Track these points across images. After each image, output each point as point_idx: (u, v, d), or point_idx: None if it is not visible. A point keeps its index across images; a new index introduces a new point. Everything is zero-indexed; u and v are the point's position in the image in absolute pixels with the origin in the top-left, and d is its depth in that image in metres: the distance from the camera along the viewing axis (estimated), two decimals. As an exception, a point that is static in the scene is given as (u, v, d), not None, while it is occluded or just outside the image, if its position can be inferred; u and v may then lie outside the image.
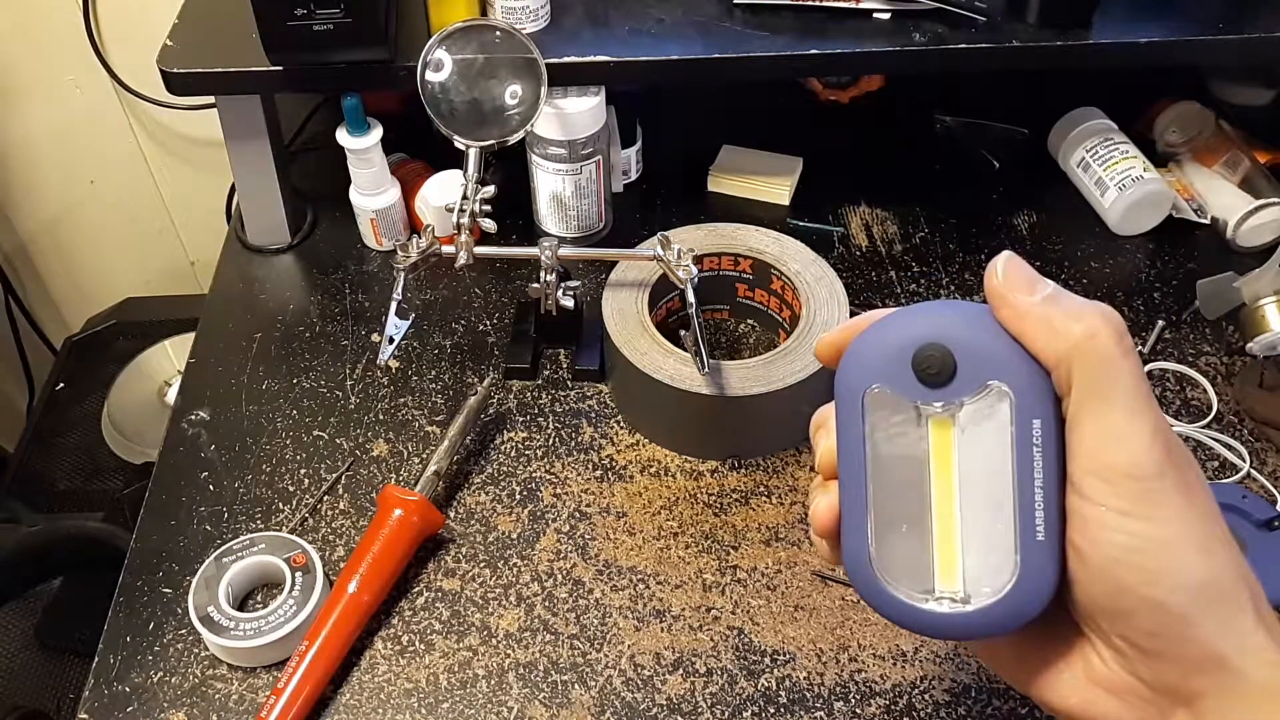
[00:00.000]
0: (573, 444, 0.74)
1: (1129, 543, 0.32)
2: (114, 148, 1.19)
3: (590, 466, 0.72)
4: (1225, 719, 0.33)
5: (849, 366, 0.36)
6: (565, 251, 0.73)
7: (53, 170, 1.21)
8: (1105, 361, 0.33)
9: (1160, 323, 0.81)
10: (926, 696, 0.61)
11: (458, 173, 0.86)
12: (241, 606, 0.65)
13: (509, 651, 0.63)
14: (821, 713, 0.60)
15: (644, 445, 0.74)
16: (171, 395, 1.13)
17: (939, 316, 0.35)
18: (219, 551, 0.65)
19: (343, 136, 0.82)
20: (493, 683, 0.62)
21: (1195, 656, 0.33)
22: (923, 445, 0.35)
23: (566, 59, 0.77)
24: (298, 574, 0.64)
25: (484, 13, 0.79)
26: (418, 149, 0.91)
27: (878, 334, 0.36)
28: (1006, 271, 0.36)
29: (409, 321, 0.72)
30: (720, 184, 0.94)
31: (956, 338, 0.35)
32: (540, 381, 0.78)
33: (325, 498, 0.71)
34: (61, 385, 1.20)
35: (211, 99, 0.81)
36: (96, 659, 0.63)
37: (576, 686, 0.61)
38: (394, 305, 0.71)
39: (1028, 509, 0.34)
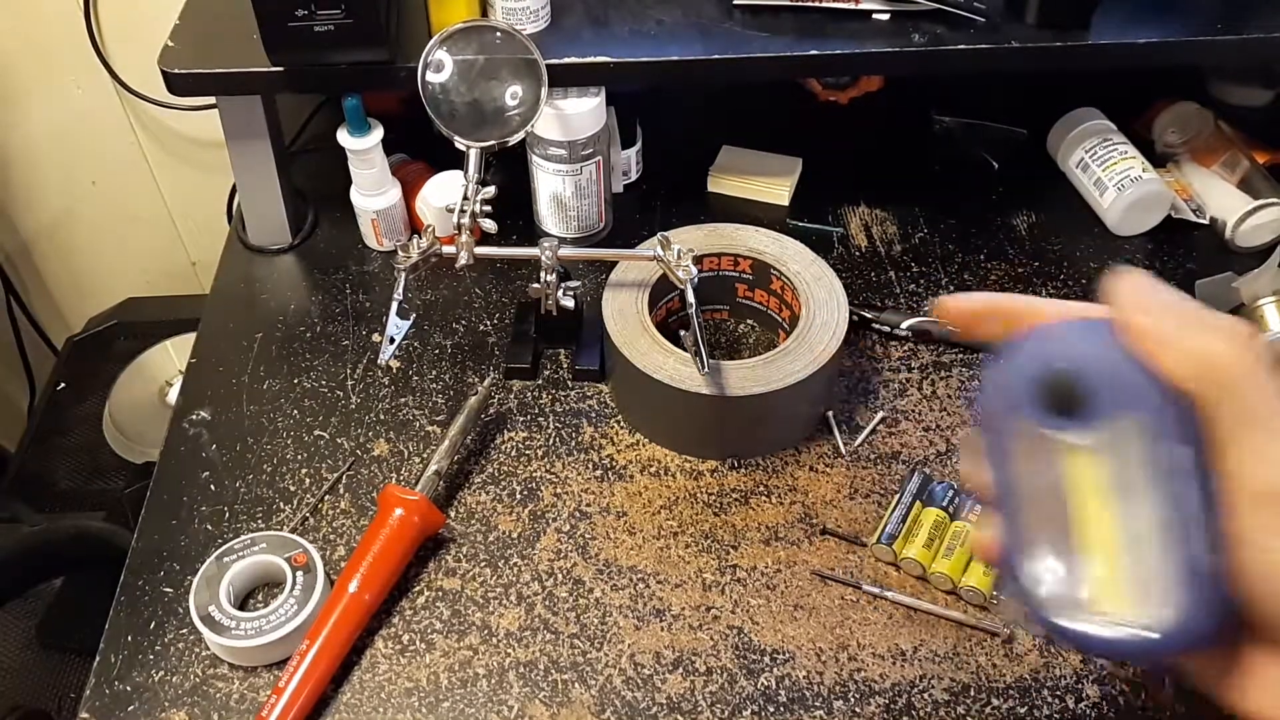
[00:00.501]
0: (573, 444, 0.74)
1: None
2: (114, 148, 1.19)
3: (590, 466, 0.73)
4: None
5: (992, 399, 0.37)
6: (565, 252, 0.74)
7: (53, 170, 1.21)
8: (1242, 383, 0.32)
9: (1159, 323, 0.81)
10: (926, 696, 0.61)
11: (458, 173, 0.86)
12: (242, 606, 0.65)
13: (509, 651, 0.63)
14: (821, 712, 0.60)
15: (644, 445, 0.74)
16: (172, 395, 1.13)
17: (1072, 343, 0.35)
18: (220, 551, 0.65)
19: (343, 137, 0.82)
20: (493, 682, 0.62)
21: None
22: (1073, 474, 0.35)
23: (567, 60, 0.77)
24: (298, 573, 0.64)
25: (484, 13, 0.79)
26: (418, 149, 0.91)
27: (1015, 364, 0.36)
28: (1129, 288, 0.34)
29: (410, 321, 0.73)
30: (720, 184, 0.94)
31: (1090, 365, 0.34)
32: (540, 381, 0.78)
33: (326, 497, 0.71)
34: (62, 385, 1.20)
35: (212, 99, 0.81)
36: (97, 658, 0.63)
37: (577, 685, 0.62)
38: (395, 305, 0.71)
39: (1184, 534, 0.33)
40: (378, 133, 0.82)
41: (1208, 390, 0.32)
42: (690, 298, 0.70)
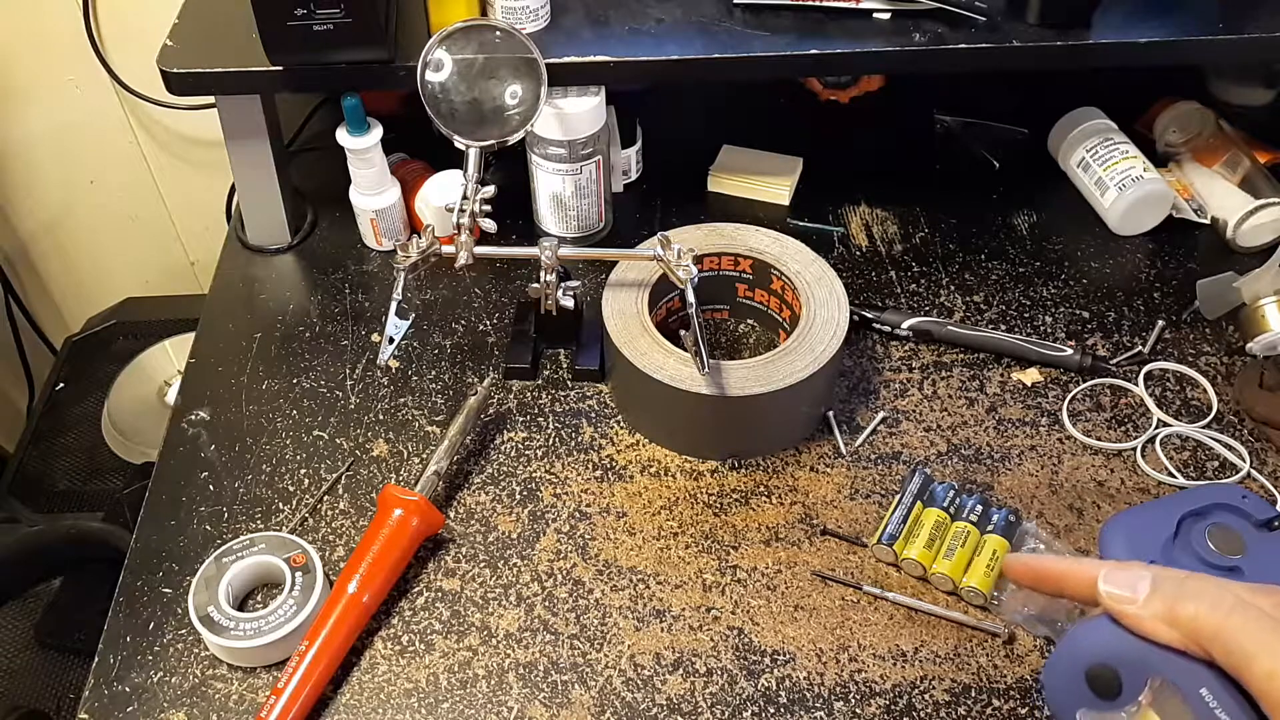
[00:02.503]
0: (573, 444, 0.74)
1: None
2: (114, 148, 1.19)
3: (590, 466, 0.72)
4: None
5: (1053, 697, 0.45)
6: (565, 251, 0.73)
7: (53, 170, 1.21)
8: (1220, 633, 0.39)
9: (1160, 323, 0.81)
10: (926, 696, 0.61)
11: (458, 173, 0.86)
12: (241, 606, 0.65)
13: (509, 651, 0.63)
14: (821, 713, 0.60)
15: (644, 445, 0.74)
16: (171, 395, 1.13)
17: (1085, 642, 0.43)
18: (219, 551, 0.65)
19: (343, 136, 0.82)
20: (493, 683, 0.62)
21: None
22: None
23: (566, 59, 0.77)
24: (298, 574, 0.64)
25: (484, 13, 0.79)
26: (418, 149, 0.91)
27: (1061, 664, 0.44)
28: (1108, 588, 0.42)
29: (409, 321, 0.72)
30: (720, 184, 0.94)
31: (1113, 654, 0.42)
32: (540, 381, 0.78)
33: (325, 498, 0.71)
34: (61, 385, 1.20)
35: (211, 99, 0.81)
36: (96, 659, 0.63)
37: (576, 686, 0.61)
38: (394, 305, 0.71)
39: None
40: (377, 132, 0.82)
41: (1203, 645, 0.40)
42: (690, 298, 0.70)
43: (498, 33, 0.74)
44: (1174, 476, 0.71)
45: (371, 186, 0.85)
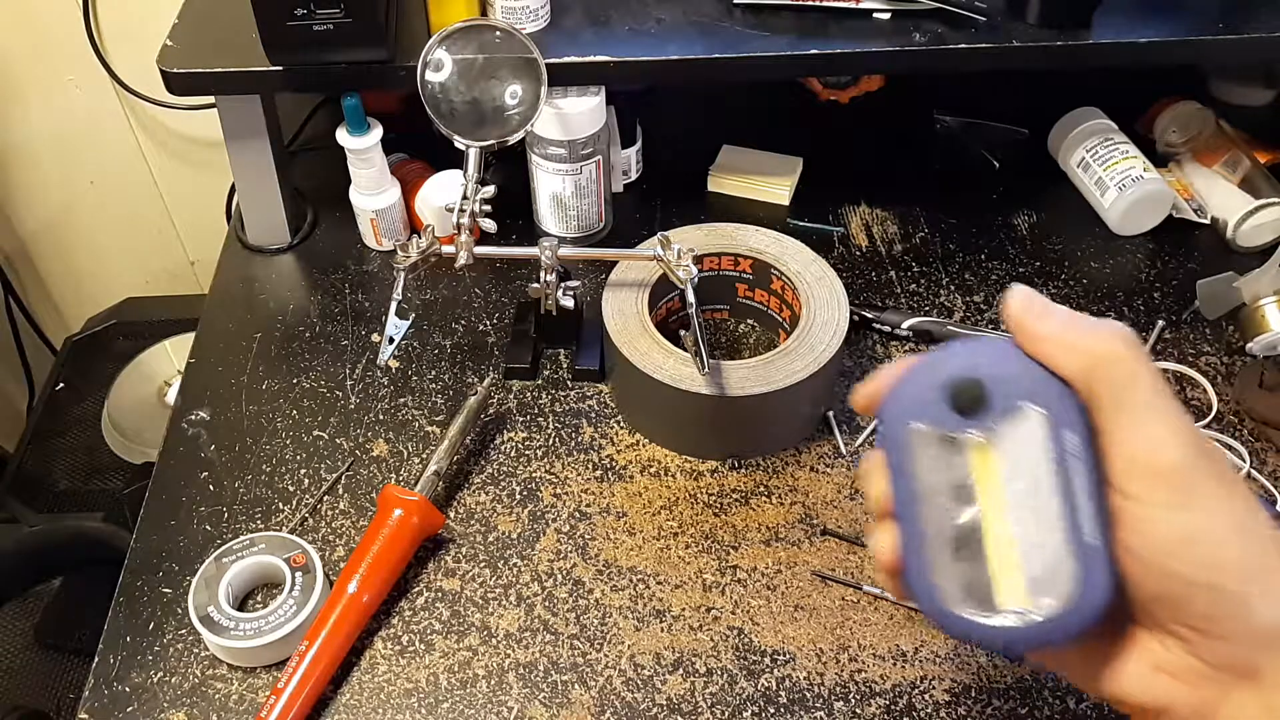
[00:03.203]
0: (573, 444, 0.74)
1: (1177, 534, 0.35)
2: (114, 148, 1.19)
3: (590, 466, 0.72)
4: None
5: (889, 409, 0.39)
6: (565, 251, 0.73)
7: (53, 170, 1.21)
8: (1125, 371, 0.36)
9: (1160, 323, 0.81)
10: (926, 696, 0.61)
11: (458, 173, 0.86)
12: (241, 606, 0.65)
13: (509, 651, 0.63)
14: (821, 713, 0.60)
15: (644, 445, 0.74)
16: (171, 395, 1.13)
17: (967, 352, 0.38)
18: (219, 551, 0.65)
19: (343, 136, 0.82)
20: (493, 683, 0.62)
21: (1252, 633, 0.34)
22: (969, 472, 0.37)
23: (566, 59, 0.77)
24: (298, 574, 0.64)
25: (484, 13, 0.79)
26: (418, 149, 0.91)
27: (913, 376, 0.39)
28: (1022, 300, 0.38)
29: (409, 321, 0.73)
30: (720, 184, 0.94)
31: (985, 368, 0.37)
32: (540, 381, 0.78)
33: (325, 498, 0.71)
34: (61, 385, 1.20)
35: (211, 99, 0.81)
36: (96, 659, 0.63)
37: (576, 686, 0.61)
38: (394, 305, 0.71)
39: (1075, 517, 0.36)
40: (377, 132, 0.82)
41: (1097, 382, 0.36)
42: (690, 297, 0.70)
43: (498, 33, 0.74)
44: (1174, 476, 0.71)
45: (371, 186, 0.85)
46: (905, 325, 0.79)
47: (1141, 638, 0.37)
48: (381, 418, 0.76)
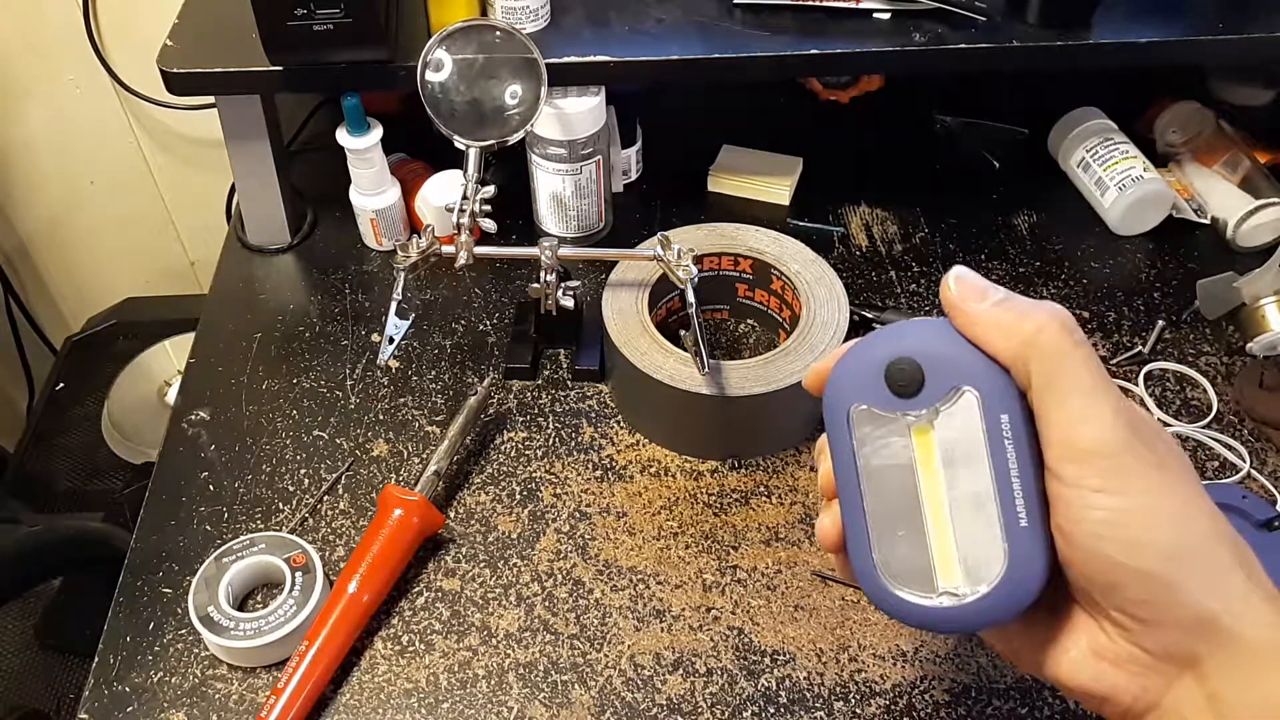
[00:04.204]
0: (573, 444, 0.74)
1: (1108, 517, 0.34)
2: (114, 148, 1.19)
3: (590, 466, 0.72)
4: (1227, 679, 0.34)
5: (831, 391, 0.40)
6: (565, 251, 0.73)
7: (53, 170, 1.21)
8: (1057, 353, 0.35)
9: (1160, 323, 0.81)
10: (926, 696, 0.61)
11: (458, 173, 0.86)
12: (241, 606, 0.65)
13: (509, 651, 0.63)
14: (821, 713, 0.60)
15: (644, 445, 0.74)
16: (171, 395, 1.13)
17: (904, 333, 0.38)
18: (219, 551, 0.65)
19: (343, 136, 0.82)
20: (493, 683, 0.62)
21: (1187, 620, 0.34)
22: (908, 453, 0.37)
23: (566, 59, 0.77)
24: (298, 574, 0.64)
25: (484, 13, 0.79)
26: (418, 149, 0.91)
27: (853, 357, 0.39)
28: (959, 283, 0.38)
29: (409, 321, 0.72)
30: (720, 184, 0.94)
31: (922, 350, 0.37)
32: (540, 381, 0.78)
33: (325, 498, 0.71)
34: (61, 385, 1.20)
35: (211, 99, 0.81)
36: (96, 659, 0.63)
37: (576, 686, 0.61)
38: (394, 305, 0.71)
39: (1009, 499, 0.36)
40: (377, 132, 0.82)
41: (1029, 364, 0.35)
42: (690, 297, 0.70)
43: (498, 33, 0.74)
44: (1174, 476, 0.71)
45: (371, 186, 0.85)
46: (905, 325, 0.79)
47: (1083, 622, 0.37)
48: (381, 418, 0.76)
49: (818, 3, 0.79)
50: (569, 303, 0.74)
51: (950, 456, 0.37)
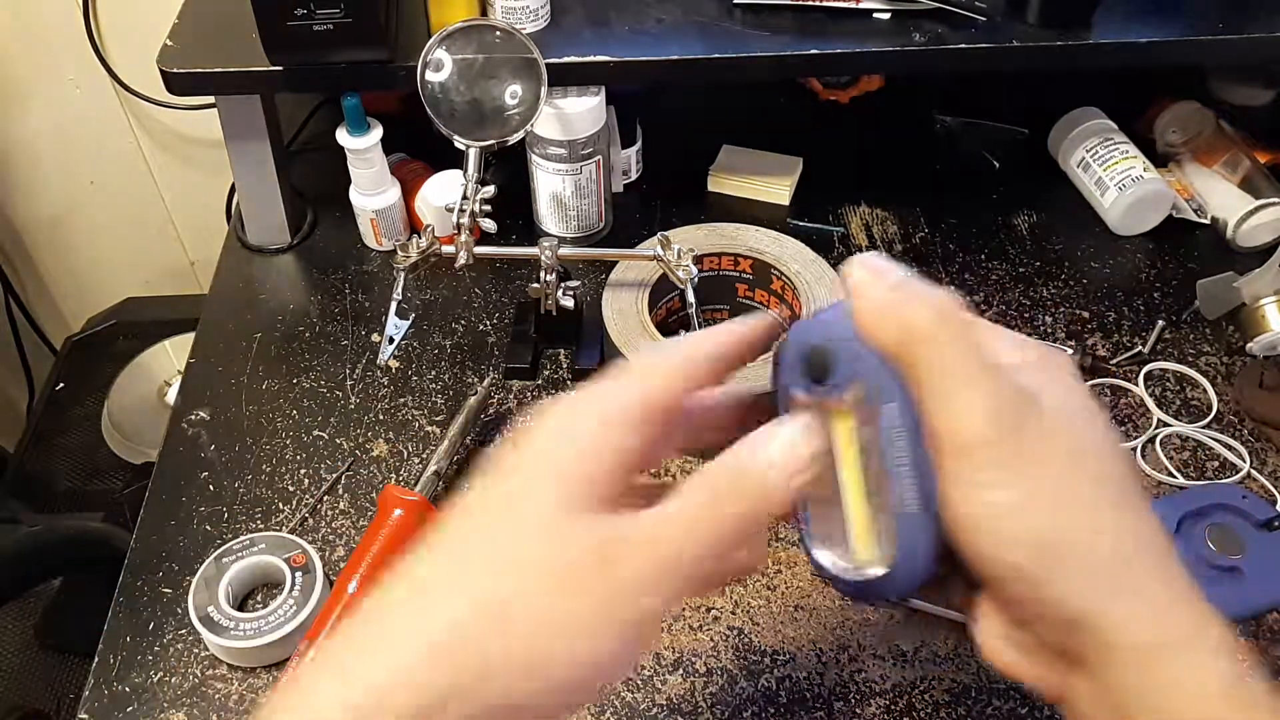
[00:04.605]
0: (573, 444, 0.74)
1: (982, 510, 0.33)
2: (114, 148, 1.19)
3: (590, 466, 0.72)
4: (1108, 679, 0.33)
5: (775, 373, 0.42)
6: (565, 251, 0.73)
7: (53, 170, 1.21)
8: (927, 344, 0.34)
9: (1160, 323, 0.81)
10: (926, 696, 0.61)
11: (458, 173, 0.86)
12: (241, 606, 0.65)
13: (509, 651, 0.63)
14: (821, 713, 0.60)
15: (644, 445, 0.74)
16: (171, 395, 1.13)
17: (823, 320, 0.39)
18: (219, 551, 0.65)
19: (343, 136, 0.82)
20: (493, 683, 0.61)
21: (1057, 618, 0.33)
22: (831, 437, 0.39)
23: (566, 59, 0.77)
24: (298, 574, 0.64)
25: (484, 13, 0.79)
26: (418, 149, 0.91)
27: (789, 342, 0.41)
28: (859, 268, 0.37)
29: (409, 321, 0.73)
30: (720, 184, 0.94)
31: (831, 337, 0.38)
32: (540, 381, 0.78)
33: (325, 498, 0.71)
34: (61, 385, 1.20)
35: (211, 99, 0.81)
36: (96, 659, 0.63)
37: (576, 686, 0.61)
38: (394, 305, 0.71)
39: (897, 486, 0.36)
40: (377, 132, 0.82)
41: (912, 354, 0.35)
42: (690, 298, 0.70)
43: (498, 33, 0.74)
44: (1174, 476, 0.71)
45: (371, 186, 0.85)
46: (905, 325, 0.79)
47: (995, 609, 0.36)
48: (381, 418, 0.76)
49: (818, 3, 0.79)
50: (569, 303, 0.74)
51: (859, 441, 0.38)
